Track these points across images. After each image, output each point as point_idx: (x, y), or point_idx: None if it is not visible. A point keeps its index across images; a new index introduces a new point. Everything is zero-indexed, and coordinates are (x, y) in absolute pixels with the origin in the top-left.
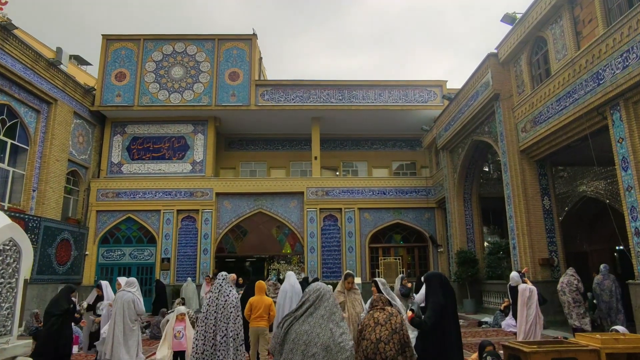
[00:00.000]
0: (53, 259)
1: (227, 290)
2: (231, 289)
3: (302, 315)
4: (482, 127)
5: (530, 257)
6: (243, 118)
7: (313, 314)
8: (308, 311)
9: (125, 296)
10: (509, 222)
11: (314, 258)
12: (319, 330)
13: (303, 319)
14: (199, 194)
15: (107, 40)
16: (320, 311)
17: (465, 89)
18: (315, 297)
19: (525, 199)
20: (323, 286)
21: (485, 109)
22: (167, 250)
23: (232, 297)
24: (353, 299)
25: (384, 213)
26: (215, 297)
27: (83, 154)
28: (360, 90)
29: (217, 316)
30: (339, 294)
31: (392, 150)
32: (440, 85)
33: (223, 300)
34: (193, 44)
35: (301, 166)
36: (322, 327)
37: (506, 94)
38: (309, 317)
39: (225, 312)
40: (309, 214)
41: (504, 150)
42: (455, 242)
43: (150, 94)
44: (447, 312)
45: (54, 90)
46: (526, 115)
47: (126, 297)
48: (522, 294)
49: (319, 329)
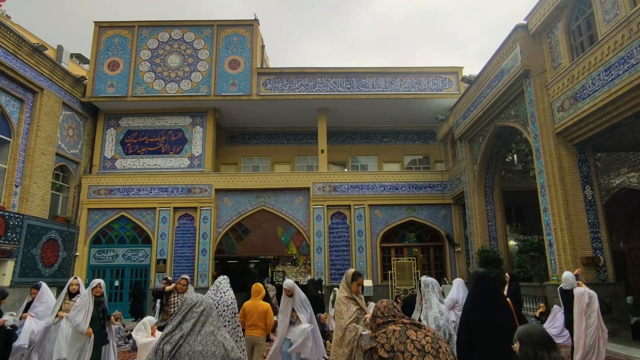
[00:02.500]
0: (38, 260)
1: (223, 289)
2: (228, 288)
3: (191, 334)
4: (507, 111)
5: (570, 255)
6: (244, 109)
7: (201, 331)
8: (195, 328)
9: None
10: (544, 215)
11: (321, 259)
12: (214, 349)
13: (194, 338)
14: (197, 190)
15: (99, 27)
16: (208, 327)
17: (487, 69)
18: (200, 312)
19: (564, 189)
20: (203, 298)
21: (511, 90)
22: (163, 251)
23: (228, 296)
24: (367, 309)
25: (397, 210)
26: (211, 296)
27: (73, 148)
28: (369, 78)
29: None
30: (347, 301)
31: (403, 143)
32: (456, 72)
33: (218, 298)
34: (191, 31)
35: (307, 161)
36: (215, 345)
37: (538, 69)
38: (198, 336)
39: (217, 310)
40: (315, 211)
41: (536, 134)
42: (476, 241)
43: (145, 83)
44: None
45: (40, 79)
46: (564, 91)
47: None
48: (580, 299)
49: (213, 347)
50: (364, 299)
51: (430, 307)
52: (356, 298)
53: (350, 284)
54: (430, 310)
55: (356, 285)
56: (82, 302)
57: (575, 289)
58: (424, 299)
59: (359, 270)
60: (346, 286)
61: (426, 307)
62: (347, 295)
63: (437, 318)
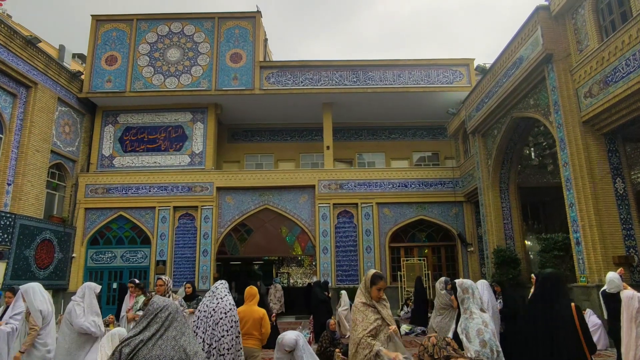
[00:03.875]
0: (32, 262)
1: (220, 294)
2: (227, 293)
3: (152, 338)
4: (525, 101)
5: (601, 254)
6: (246, 105)
7: (163, 336)
8: (158, 333)
9: (67, 307)
10: (570, 211)
11: (327, 260)
12: (173, 354)
13: (153, 343)
14: (198, 188)
15: (96, 21)
16: (171, 332)
17: (503, 56)
18: (165, 317)
19: (592, 182)
20: (169, 302)
21: (531, 77)
22: (163, 252)
23: (225, 301)
24: (390, 320)
25: (406, 208)
26: (207, 303)
27: (70, 145)
28: (376, 70)
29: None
30: (364, 308)
31: (412, 139)
32: (467, 63)
33: (214, 304)
34: (191, 24)
35: (312, 158)
36: (175, 350)
37: (561, 53)
38: (159, 340)
39: (214, 318)
40: (321, 210)
41: (560, 123)
42: (491, 240)
43: (144, 78)
44: None
45: (34, 73)
46: (592, 75)
47: (67, 309)
48: (629, 304)
49: (172, 352)
50: (388, 307)
51: (470, 318)
52: (377, 306)
53: (370, 288)
54: (470, 321)
55: (376, 290)
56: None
57: (622, 292)
58: (463, 307)
59: (377, 271)
60: (364, 290)
61: (466, 317)
62: (364, 301)
63: (482, 331)
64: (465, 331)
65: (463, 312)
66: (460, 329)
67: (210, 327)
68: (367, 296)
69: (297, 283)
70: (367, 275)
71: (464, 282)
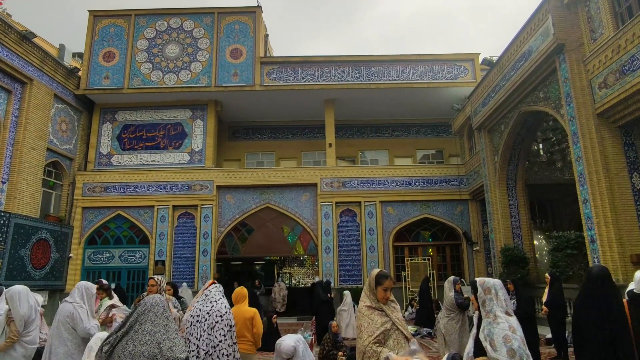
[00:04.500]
0: (27, 262)
1: (214, 297)
2: (221, 297)
3: (127, 334)
4: (534, 94)
5: (618, 253)
6: (247, 101)
7: (139, 330)
8: (133, 329)
9: (64, 309)
10: (583, 207)
11: (329, 259)
12: (145, 348)
13: (128, 339)
14: (198, 187)
15: (94, 16)
16: (147, 327)
17: (511, 48)
18: (141, 311)
19: (607, 177)
20: (153, 299)
21: (541, 69)
22: (162, 252)
23: (220, 304)
24: (401, 324)
25: (410, 207)
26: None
27: (67, 143)
28: (380, 66)
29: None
30: (369, 312)
31: (416, 137)
32: (472, 58)
33: (208, 308)
34: (190, 19)
35: (314, 156)
36: (147, 344)
37: (574, 43)
38: (134, 336)
39: (209, 322)
40: (323, 208)
41: (573, 116)
42: (498, 238)
43: (142, 74)
44: None
45: (29, 68)
46: (607, 65)
47: (64, 311)
48: None
49: (144, 346)
50: (398, 308)
51: (494, 322)
52: (384, 308)
53: (375, 289)
54: (495, 326)
55: (383, 291)
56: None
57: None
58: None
59: (382, 270)
60: (369, 292)
61: (489, 321)
62: (369, 304)
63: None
64: (489, 338)
65: (485, 315)
66: (483, 334)
67: (206, 332)
68: (372, 298)
69: (299, 284)
70: (371, 275)
71: (486, 280)
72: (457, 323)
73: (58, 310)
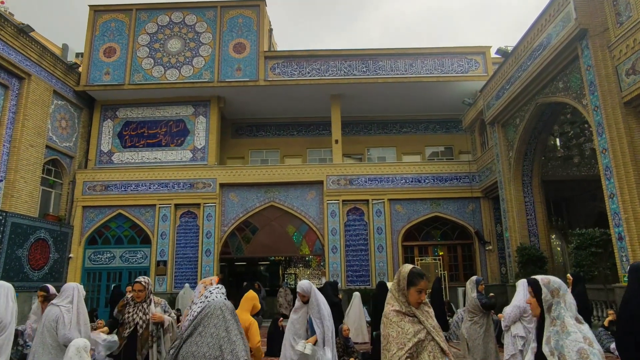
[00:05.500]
0: (25, 263)
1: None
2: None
3: (191, 336)
4: (553, 84)
5: None
6: (251, 97)
7: (202, 333)
8: (197, 331)
9: (50, 313)
10: (610, 203)
11: (336, 259)
12: (206, 350)
13: (191, 341)
14: (201, 185)
15: (94, 11)
16: (209, 329)
17: (528, 37)
18: (204, 314)
19: (636, 169)
20: (215, 302)
21: (561, 57)
22: (164, 252)
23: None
24: (437, 334)
25: (419, 205)
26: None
27: (67, 141)
28: (387, 60)
29: None
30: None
31: (424, 133)
32: (483, 51)
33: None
34: (192, 13)
35: (320, 154)
36: (209, 347)
37: (598, 28)
38: (197, 337)
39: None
40: (329, 206)
41: (597, 105)
42: (513, 237)
43: (144, 70)
44: None
45: (27, 63)
46: (636, 49)
47: (50, 315)
48: None
49: (206, 348)
50: (432, 313)
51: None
52: (417, 314)
53: (407, 291)
54: (565, 336)
55: (416, 293)
56: None
57: None
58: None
59: (415, 266)
60: (398, 294)
61: (555, 330)
62: (398, 308)
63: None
64: (559, 352)
65: (551, 322)
66: (549, 347)
67: None
68: (402, 301)
69: None
70: (400, 272)
71: (551, 280)
72: (482, 327)
73: (44, 314)
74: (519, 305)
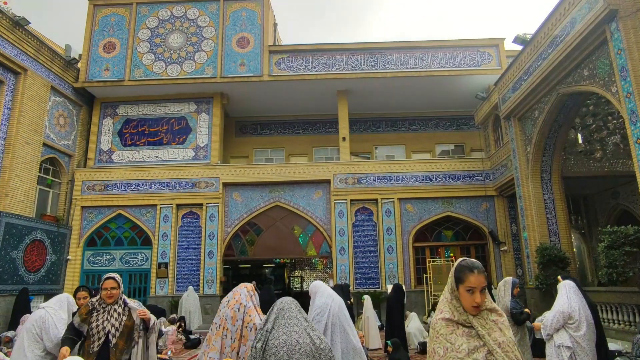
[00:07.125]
0: (20, 265)
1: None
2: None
3: (274, 329)
4: (577, 72)
5: None
6: (255, 93)
7: (286, 324)
8: (279, 322)
9: (34, 315)
10: None
11: (344, 261)
12: (298, 338)
13: (277, 331)
14: (203, 184)
15: (94, 6)
16: (291, 320)
17: (548, 23)
18: (279, 309)
19: None
20: (285, 300)
21: (587, 42)
22: (165, 254)
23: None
24: (506, 353)
25: (431, 204)
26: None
27: (65, 139)
28: (396, 54)
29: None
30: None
31: (435, 131)
32: (496, 44)
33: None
34: (194, 7)
35: (326, 152)
36: (299, 335)
37: (629, 8)
38: (282, 328)
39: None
40: (337, 206)
41: (630, 92)
42: (532, 237)
43: (144, 66)
44: None
45: (23, 58)
46: None
47: (33, 316)
48: None
49: (296, 336)
50: (502, 323)
51: None
52: (474, 323)
53: (457, 291)
54: None
55: (467, 293)
56: None
57: None
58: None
59: (470, 260)
60: (450, 295)
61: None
62: (448, 316)
63: None
64: None
65: None
66: None
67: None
68: (454, 305)
69: None
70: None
71: None
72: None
73: (28, 319)
74: (562, 310)
